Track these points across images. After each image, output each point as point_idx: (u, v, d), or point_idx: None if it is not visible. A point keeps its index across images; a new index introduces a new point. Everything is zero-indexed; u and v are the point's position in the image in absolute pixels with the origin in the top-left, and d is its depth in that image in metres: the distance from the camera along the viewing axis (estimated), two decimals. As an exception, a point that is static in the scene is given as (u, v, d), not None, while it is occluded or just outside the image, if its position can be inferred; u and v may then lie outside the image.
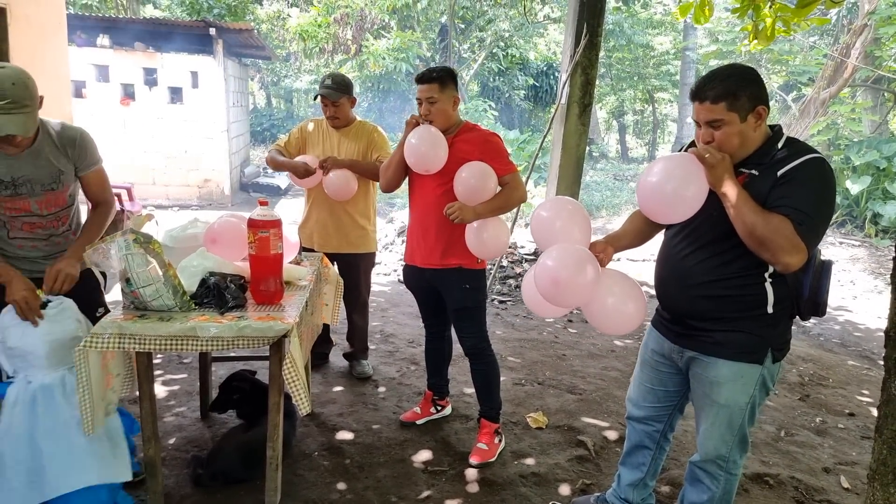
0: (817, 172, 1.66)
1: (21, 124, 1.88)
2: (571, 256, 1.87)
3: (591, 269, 1.85)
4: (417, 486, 2.52)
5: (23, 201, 2.07)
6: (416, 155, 2.51)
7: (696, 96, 1.74)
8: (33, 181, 2.07)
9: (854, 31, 9.54)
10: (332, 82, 3.11)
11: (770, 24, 3.23)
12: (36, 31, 5.47)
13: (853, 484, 2.75)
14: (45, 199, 2.11)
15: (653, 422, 2.15)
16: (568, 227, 2.02)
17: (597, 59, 5.72)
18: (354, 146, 3.20)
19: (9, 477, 1.96)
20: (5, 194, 2.03)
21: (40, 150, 2.07)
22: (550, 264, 1.87)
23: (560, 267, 1.85)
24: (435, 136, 2.50)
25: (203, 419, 2.94)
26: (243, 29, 9.50)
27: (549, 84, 17.34)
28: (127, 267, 1.96)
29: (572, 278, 1.84)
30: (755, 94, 1.69)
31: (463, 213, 2.46)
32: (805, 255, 1.62)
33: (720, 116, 1.70)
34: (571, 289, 1.85)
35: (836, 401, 3.70)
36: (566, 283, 1.84)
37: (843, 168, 10.23)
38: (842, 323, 5.55)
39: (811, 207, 1.63)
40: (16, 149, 2.00)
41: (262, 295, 2.20)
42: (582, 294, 1.88)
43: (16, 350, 1.98)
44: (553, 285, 1.85)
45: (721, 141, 1.72)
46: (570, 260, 1.86)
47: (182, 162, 9.81)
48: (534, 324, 4.83)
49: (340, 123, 3.20)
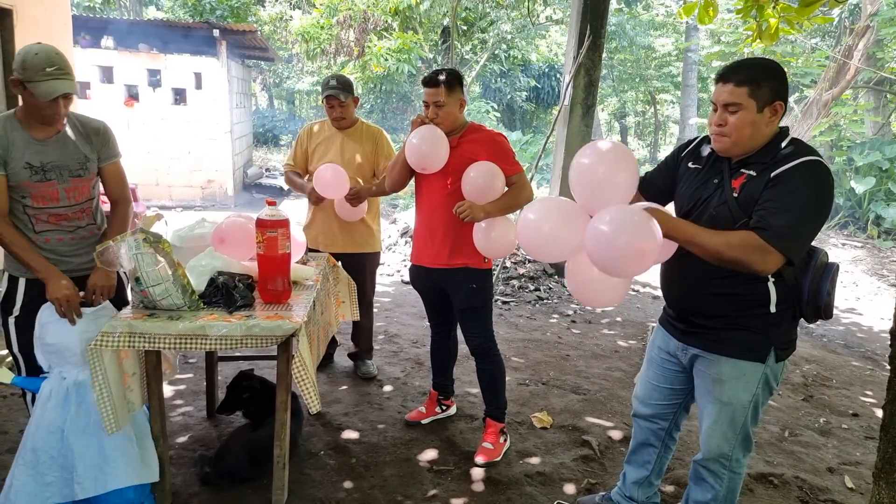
0: (809, 175, 1.65)
1: (71, 86, 2.03)
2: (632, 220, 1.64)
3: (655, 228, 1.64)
4: (423, 485, 2.54)
5: (51, 189, 2.13)
6: (417, 154, 2.52)
7: (721, 77, 1.75)
8: (61, 167, 2.13)
9: (856, 33, 9.54)
10: (337, 83, 3.13)
11: (774, 24, 3.24)
12: (41, 32, 5.49)
13: (857, 484, 2.76)
14: (72, 186, 2.17)
15: (658, 420, 2.16)
16: (612, 174, 1.79)
17: (600, 61, 5.74)
18: (358, 147, 3.21)
19: (42, 471, 2.00)
20: (35, 179, 2.09)
21: (67, 136, 2.16)
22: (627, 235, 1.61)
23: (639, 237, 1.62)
24: (436, 135, 2.52)
25: (209, 418, 2.96)
26: (246, 30, 9.54)
27: (551, 86, 17.34)
28: (137, 266, 1.98)
29: (650, 244, 1.62)
30: (777, 89, 1.70)
31: (473, 212, 2.47)
32: (778, 258, 1.63)
33: (739, 100, 1.70)
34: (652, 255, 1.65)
35: (839, 401, 3.70)
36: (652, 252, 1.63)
37: (846, 169, 10.23)
38: (845, 324, 5.55)
39: (795, 212, 1.63)
40: (57, 125, 2.11)
41: (270, 294, 2.22)
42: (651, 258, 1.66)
43: (52, 346, 2.03)
44: (639, 257, 1.63)
45: (733, 127, 1.73)
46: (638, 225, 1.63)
47: (185, 163, 9.84)
48: (537, 324, 4.84)
49: (346, 124, 3.21)
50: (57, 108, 2.04)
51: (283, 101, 22.94)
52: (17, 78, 1.99)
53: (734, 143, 1.75)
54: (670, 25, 18.70)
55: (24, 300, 2.15)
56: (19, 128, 2.08)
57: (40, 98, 1.97)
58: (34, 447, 2.00)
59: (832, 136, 10.64)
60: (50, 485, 2.00)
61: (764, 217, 1.65)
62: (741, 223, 1.72)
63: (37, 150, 2.09)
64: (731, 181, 1.78)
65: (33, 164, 2.08)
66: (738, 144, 1.75)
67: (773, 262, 1.64)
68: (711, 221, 1.80)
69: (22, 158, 2.06)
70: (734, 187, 1.76)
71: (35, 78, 1.95)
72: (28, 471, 1.99)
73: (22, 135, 2.08)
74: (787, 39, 10.54)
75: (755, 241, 1.63)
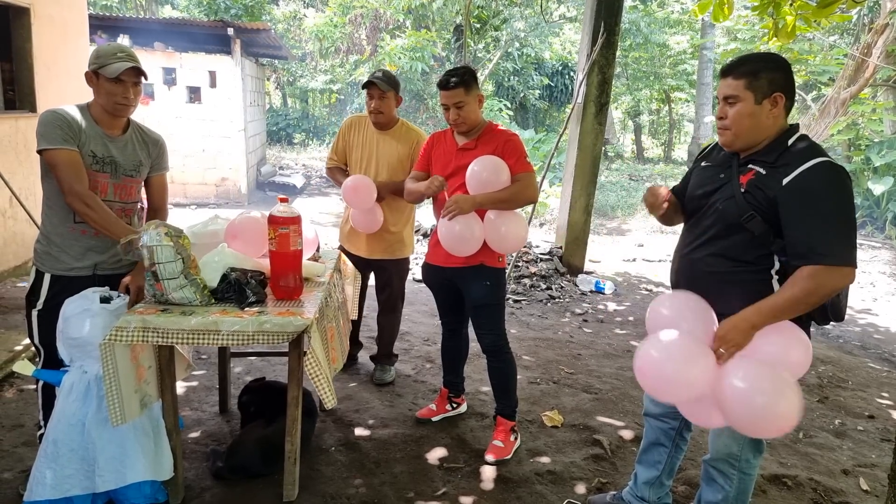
0: (828, 180, 1.64)
1: (138, 64, 2.15)
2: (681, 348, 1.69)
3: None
4: (434, 482, 2.54)
5: (103, 181, 2.21)
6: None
7: (722, 72, 1.79)
8: (117, 164, 2.24)
9: (876, 31, 9.39)
10: (382, 74, 3.05)
11: (791, 22, 3.20)
12: (59, 31, 5.57)
13: (872, 486, 2.72)
14: (122, 184, 2.27)
15: (669, 419, 2.15)
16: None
17: (613, 59, 5.70)
18: (396, 148, 3.12)
19: (63, 464, 2.03)
20: (95, 168, 2.18)
21: (130, 139, 2.30)
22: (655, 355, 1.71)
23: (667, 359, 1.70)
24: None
25: (222, 414, 2.98)
26: (261, 29, 9.58)
27: (564, 84, 17.27)
28: (155, 258, 2.00)
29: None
30: (776, 80, 1.71)
31: (460, 204, 2.43)
32: (845, 269, 1.61)
33: (736, 93, 1.73)
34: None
35: (855, 403, 3.65)
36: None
37: (864, 169, 10.08)
38: (862, 325, 5.47)
39: (834, 226, 1.62)
40: (126, 112, 2.23)
41: (282, 291, 2.23)
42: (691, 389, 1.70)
43: (75, 340, 2.07)
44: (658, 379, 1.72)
45: (733, 119, 1.76)
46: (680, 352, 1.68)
47: (200, 160, 9.91)
48: (549, 323, 4.83)
49: (383, 119, 3.10)
50: (127, 93, 2.15)
51: (296, 100, 23.04)
52: (91, 70, 2.13)
53: (735, 135, 1.77)
54: (685, 23, 18.51)
55: (48, 294, 2.21)
56: (92, 120, 2.20)
57: (110, 75, 2.09)
58: (55, 439, 2.04)
59: (850, 135, 10.49)
60: (70, 477, 2.03)
61: (805, 243, 1.64)
62: (747, 216, 1.73)
63: (102, 143, 2.20)
64: (739, 177, 1.78)
65: (97, 154, 2.19)
66: (740, 137, 1.77)
67: (849, 274, 1.63)
68: (718, 216, 1.81)
69: (88, 146, 2.16)
70: (741, 183, 1.77)
71: (106, 62, 2.10)
72: (49, 463, 2.03)
73: (94, 127, 2.19)
74: (804, 37, 10.40)
75: (823, 271, 1.61)
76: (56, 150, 2.08)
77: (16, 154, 5.01)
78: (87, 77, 2.15)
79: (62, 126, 2.09)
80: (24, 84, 5.21)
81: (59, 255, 2.21)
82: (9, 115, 5.00)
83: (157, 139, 2.40)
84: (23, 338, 3.62)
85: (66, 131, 2.09)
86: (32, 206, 4.74)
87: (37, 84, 5.22)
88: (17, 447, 2.59)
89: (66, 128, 2.10)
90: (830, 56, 10.72)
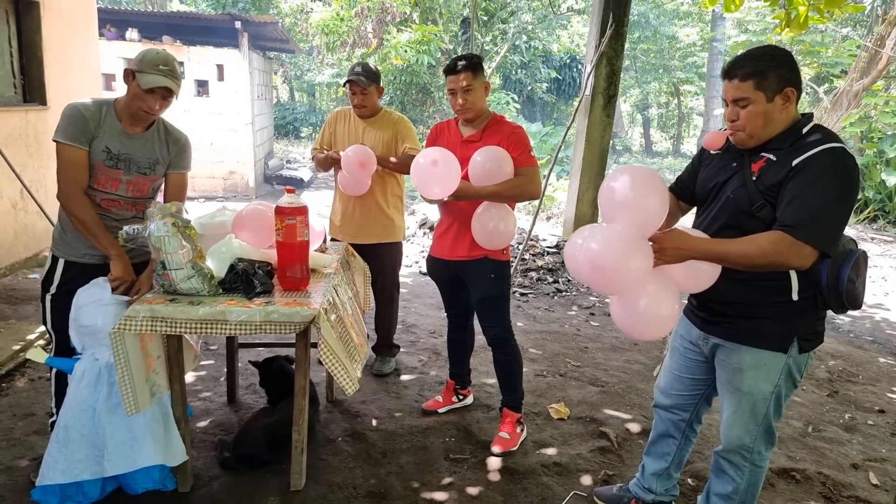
0: (831, 164, 1.61)
1: (173, 85, 2.16)
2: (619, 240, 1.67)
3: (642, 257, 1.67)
4: (440, 472, 2.54)
5: (116, 177, 2.22)
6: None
7: (726, 74, 1.75)
8: (132, 161, 2.24)
9: (889, 22, 9.26)
10: (362, 70, 3.12)
11: (803, 13, 3.16)
12: (68, 24, 5.59)
13: (882, 480, 2.70)
14: (135, 180, 2.27)
15: (679, 410, 2.14)
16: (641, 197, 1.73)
17: (622, 50, 5.65)
18: (380, 135, 3.21)
19: (73, 448, 2.07)
20: (108, 164, 2.19)
21: (150, 136, 2.29)
22: (594, 247, 1.68)
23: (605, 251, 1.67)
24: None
25: (230, 404, 3.00)
26: (268, 22, 9.58)
27: (572, 77, 17.18)
28: (163, 249, 2.01)
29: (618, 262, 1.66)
30: (784, 76, 1.68)
31: (460, 192, 2.44)
32: (812, 251, 1.60)
33: (746, 95, 1.69)
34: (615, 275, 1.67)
35: (865, 397, 3.63)
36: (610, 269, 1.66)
37: (877, 162, 9.96)
38: (873, 319, 5.42)
39: (820, 207, 1.60)
40: (144, 122, 2.24)
41: (289, 281, 2.23)
42: (623, 283, 1.71)
43: (87, 328, 2.10)
44: (593, 271, 1.69)
45: (746, 120, 1.72)
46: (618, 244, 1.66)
47: (207, 154, 9.94)
48: (555, 316, 4.82)
49: (367, 112, 3.21)
50: (153, 105, 2.16)
51: (303, 94, 23.07)
52: (131, 69, 2.14)
53: (749, 135, 1.75)
54: (695, 14, 18.35)
55: (61, 280, 2.25)
56: (114, 116, 2.20)
57: (143, 86, 2.09)
58: (66, 425, 2.07)
59: (863, 127, 10.36)
60: (79, 461, 2.07)
61: (790, 213, 1.62)
62: (758, 205, 1.71)
63: (119, 140, 2.21)
64: (751, 165, 1.76)
65: (112, 150, 2.19)
66: (754, 136, 1.74)
67: (809, 256, 1.61)
68: (729, 205, 1.79)
69: (103, 141, 2.17)
70: (753, 171, 1.75)
71: (146, 70, 2.10)
72: (60, 448, 2.06)
73: (114, 123, 2.20)
74: (816, 28, 10.27)
75: (786, 239, 1.60)
76: (63, 146, 2.12)
77: (26, 147, 5.04)
78: (125, 73, 2.16)
79: (76, 122, 2.11)
80: (33, 77, 5.24)
81: (72, 241, 2.24)
82: (19, 108, 5.03)
83: (178, 138, 2.39)
84: (35, 327, 3.66)
85: (78, 128, 2.11)
86: (43, 199, 4.78)
87: (46, 77, 5.25)
88: (28, 435, 2.62)
89: (80, 124, 2.12)
90: (843, 48, 10.60)
